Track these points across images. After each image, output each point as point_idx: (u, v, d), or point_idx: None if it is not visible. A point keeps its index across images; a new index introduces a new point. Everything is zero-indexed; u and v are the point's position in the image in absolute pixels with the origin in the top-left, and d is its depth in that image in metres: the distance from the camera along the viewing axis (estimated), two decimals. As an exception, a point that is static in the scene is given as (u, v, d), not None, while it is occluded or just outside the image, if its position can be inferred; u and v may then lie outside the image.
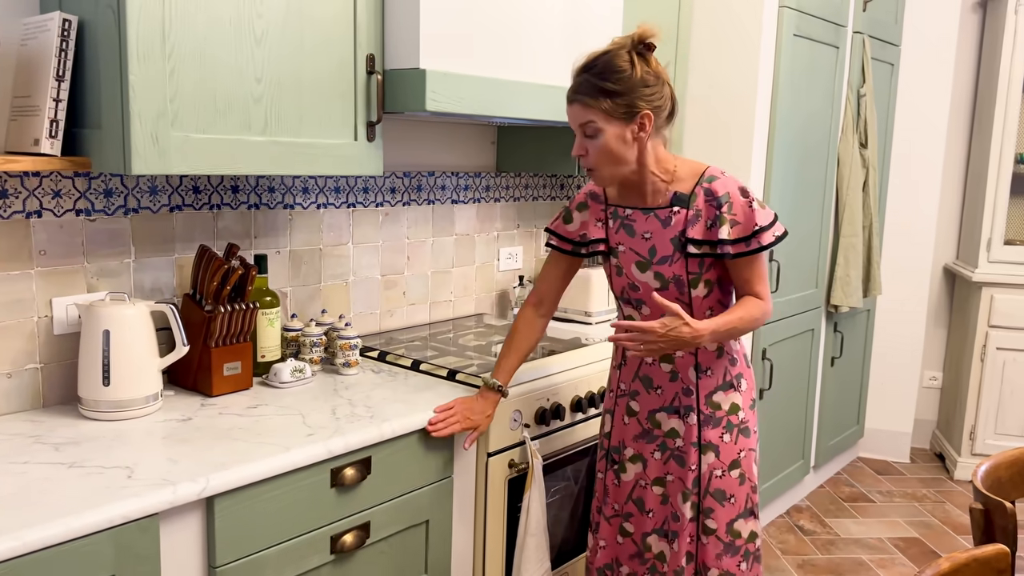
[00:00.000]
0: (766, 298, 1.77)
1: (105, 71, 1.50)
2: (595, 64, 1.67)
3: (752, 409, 1.87)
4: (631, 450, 1.91)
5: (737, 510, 1.84)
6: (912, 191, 3.95)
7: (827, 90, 3.26)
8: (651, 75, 1.66)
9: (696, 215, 1.73)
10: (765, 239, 1.72)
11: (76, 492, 1.31)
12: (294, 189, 2.16)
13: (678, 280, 1.77)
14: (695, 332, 1.66)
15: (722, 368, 1.83)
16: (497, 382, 1.89)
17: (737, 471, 1.83)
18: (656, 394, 1.87)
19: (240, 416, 1.71)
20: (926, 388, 4.30)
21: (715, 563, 1.84)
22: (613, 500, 1.95)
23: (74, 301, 1.75)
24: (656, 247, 1.78)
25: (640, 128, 1.67)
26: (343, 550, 1.64)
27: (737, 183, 1.75)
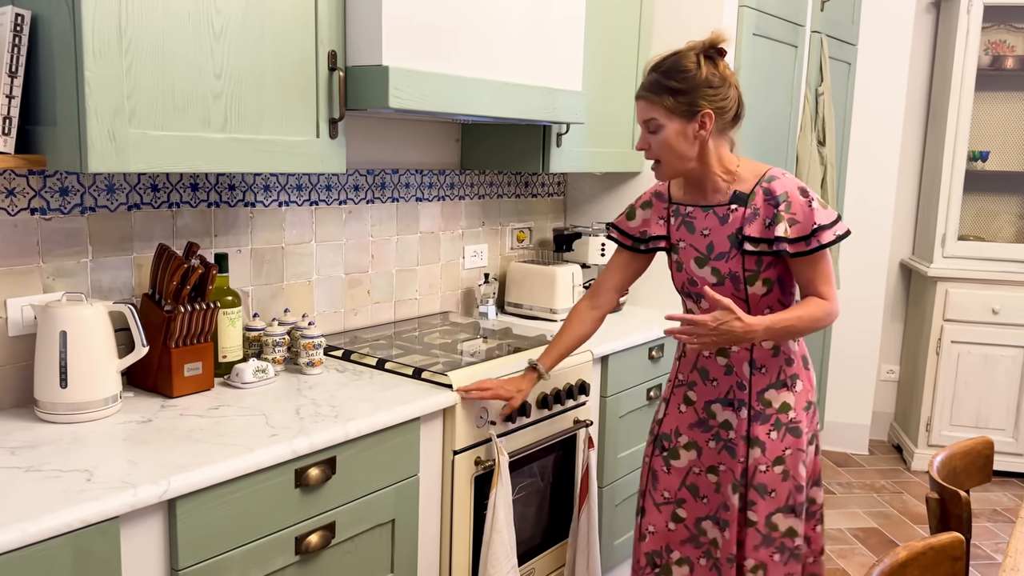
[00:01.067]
0: (831, 298, 1.78)
1: (60, 67, 1.47)
2: (664, 63, 1.75)
3: (807, 411, 1.89)
4: (686, 437, 1.97)
5: (777, 504, 1.87)
6: (869, 188, 4.03)
7: (786, 89, 3.31)
8: (716, 77, 1.72)
9: (754, 213, 1.78)
10: (825, 237, 1.73)
11: (33, 496, 1.29)
12: (255, 187, 2.14)
13: (734, 276, 1.82)
14: (747, 327, 1.69)
15: (777, 367, 1.86)
16: (537, 363, 2.01)
17: (781, 467, 1.87)
18: (712, 386, 1.92)
19: (201, 417, 1.69)
20: (884, 381, 4.39)
21: (752, 553, 1.89)
22: (663, 487, 2.00)
23: (29, 302, 1.71)
24: (714, 243, 1.83)
25: (701, 126, 1.73)
26: (308, 551, 1.62)
27: (797, 183, 1.78)
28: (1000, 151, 4.05)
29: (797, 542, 1.89)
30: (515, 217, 2.98)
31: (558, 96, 2.29)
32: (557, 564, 2.35)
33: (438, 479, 1.95)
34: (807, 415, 1.90)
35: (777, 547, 1.88)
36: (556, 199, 3.16)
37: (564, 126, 2.54)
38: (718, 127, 1.75)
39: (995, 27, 3.95)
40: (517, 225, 3.00)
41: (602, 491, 2.54)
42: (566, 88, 2.32)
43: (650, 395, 2.67)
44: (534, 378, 2.00)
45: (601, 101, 2.73)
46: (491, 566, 1.97)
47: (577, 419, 2.32)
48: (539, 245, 3.11)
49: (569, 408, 2.29)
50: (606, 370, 2.47)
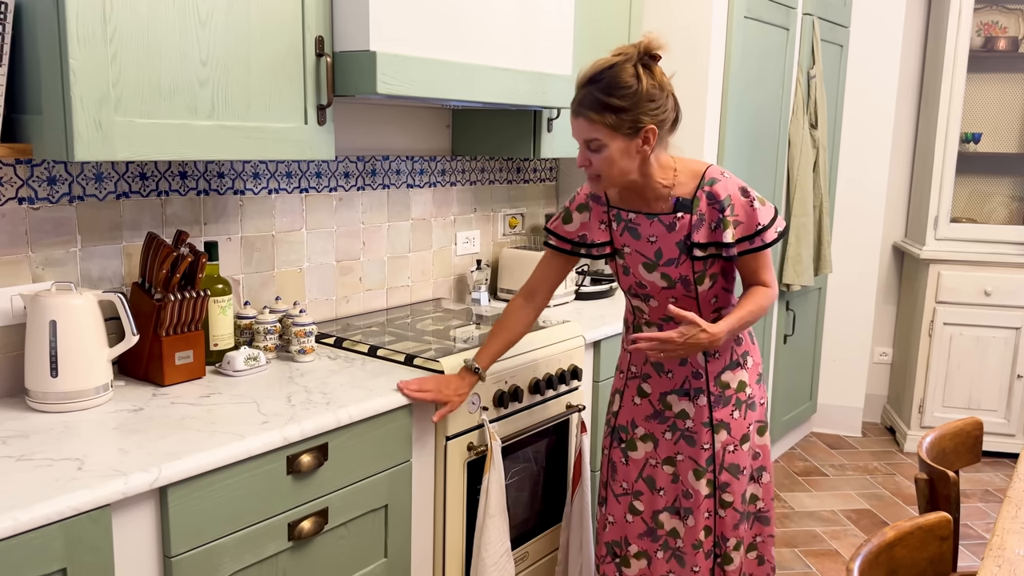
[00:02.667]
0: (772, 284, 1.85)
1: (44, 55, 1.46)
2: (601, 77, 1.66)
3: (759, 384, 1.96)
4: (642, 429, 1.98)
5: (747, 479, 1.95)
6: (861, 171, 4.03)
7: (778, 72, 3.30)
8: (656, 87, 1.67)
9: (700, 219, 1.78)
10: (768, 237, 1.78)
11: (25, 485, 1.29)
12: (244, 174, 2.13)
13: (684, 280, 1.83)
14: (712, 336, 1.73)
15: (728, 349, 1.90)
16: (476, 364, 1.92)
17: (747, 444, 1.93)
18: (667, 378, 1.94)
19: (193, 405, 1.69)
20: (877, 364, 4.41)
21: (733, 533, 1.94)
22: (622, 478, 2.02)
23: (19, 291, 1.71)
24: (662, 250, 1.83)
25: (644, 142, 1.70)
26: (301, 536, 1.63)
27: (738, 183, 1.80)
28: (992, 133, 4.06)
29: (759, 505, 1.99)
30: (507, 203, 2.98)
31: (548, 81, 2.28)
32: (551, 547, 2.36)
33: (431, 465, 1.95)
34: (760, 387, 1.97)
35: (743, 515, 1.96)
36: (548, 185, 3.16)
37: (555, 111, 2.53)
38: (658, 138, 1.71)
39: (987, 8, 3.94)
40: (509, 211, 2.99)
41: (596, 475, 2.55)
42: (556, 73, 2.31)
43: (643, 379, 2.68)
44: (473, 380, 1.91)
45: (592, 85, 2.72)
46: (485, 550, 1.98)
47: (570, 404, 2.33)
48: (532, 231, 3.10)
49: (562, 393, 2.30)
50: (598, 355, 2.48)
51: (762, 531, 2.01)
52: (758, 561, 2.02)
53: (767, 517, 2.00)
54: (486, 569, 1.98)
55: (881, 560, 1.29)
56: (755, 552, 2.01)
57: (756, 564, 2.01)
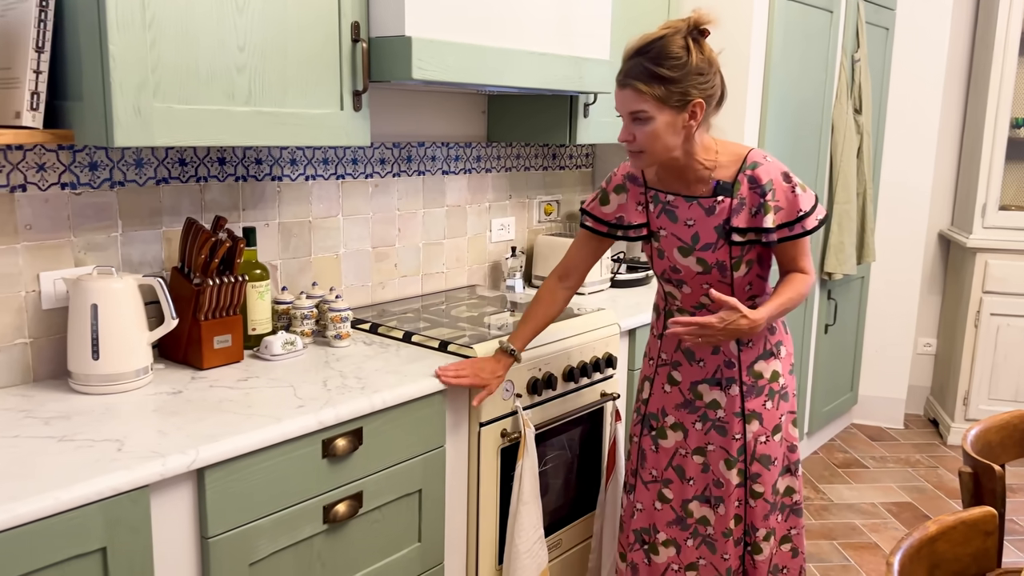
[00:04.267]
0: (811, 271, 1.82)
1: (85, 42, 1.48)
2: (650, 48, 1.64)
3: (791, 374, 1.94)
4: (672, 418, 1.96)
5: (778, 470, 1.92)
6: (907, 157, 3.93)
7: (821, 56, 3.23)
8: (705, 62, 1.64)
9: (740, 203, 1.75)
10: (809, 224, 1.76)
11: (66, 465, 1.32)
12: (282, 161, 2.14)
13: (721, 265, 1.80)
14: (752, 322, 1.70)
15: (762, 338, 1.88)
16: (511, 346, 1.91)
17: (779, 435, 1.91)
18: (699, 366, 1.91)
19: (231, 389, 1.71)
20: (920, 354, 4.31)
21: (763, 523, 1.93)
22: (651, 466, 2.00)
23: (61, 275, 1.74)
24: (699, 234, 1.80)
25: (691, 117, 1.67)
26: (336, 520, 1.65)
27: (780, 168, 1.76)
28: (1045, 118, 3.93)
29: (795, 498, 1.97)
30: (543, 190, 2.96)
31: (585, 65, 2.25)
32: (584, 535, 2.36)
33: (464, 451, 1.96)
34: (792, 377, 1.95)
35: (778, 508, 1.94)
36: (584, 171, 3.13)
37: (591, 96, 2.50)
38: (705, 115, 1.69)
39: (1041, -12, 3.81)
40: (545, 198, 2.98)
41: (630, 464, 2.53)
42: (593, 57, 2.29)
43: (679, 368, 2.65)
44: (509, 362, 1.91)
45: (629, 70, 2.69)
46: (518, 536, 1.98)
47: (604, 392, 2.31)
48: (567, 218, 3.08)
49: (596, 381, 2.29)
50: (633, 343, 2.45)
51: (796, 524, 1.99)
52: (792, 553, 1.99)
53: (801, 510, 1.99)
54: (519, 555, 1.98)
55: (923, 554, 1.26)
56: (789, 544, 1.99)
57: (790, 556, 1.99)
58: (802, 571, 2.02)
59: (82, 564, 1.28)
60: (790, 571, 1.99)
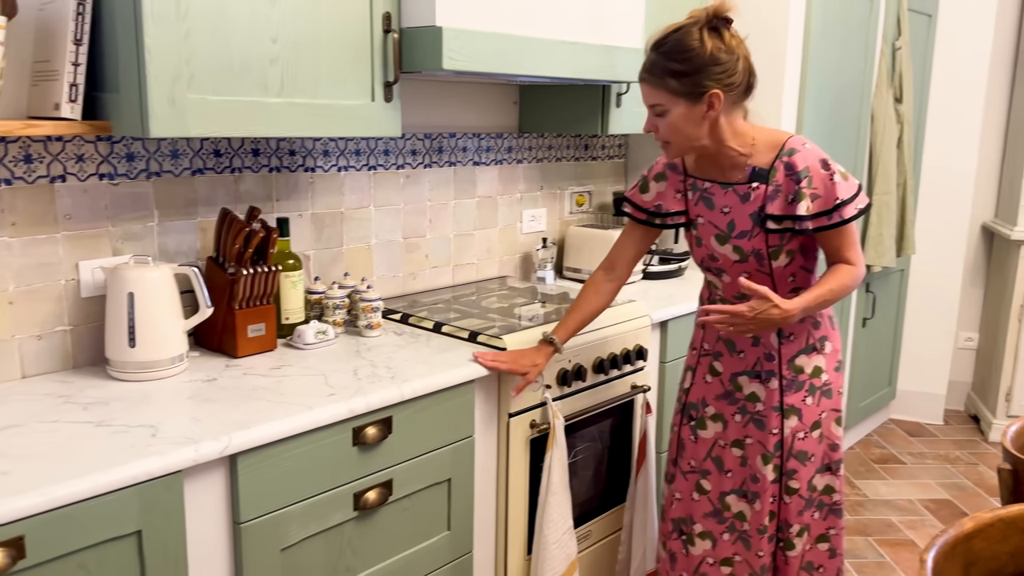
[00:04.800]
0: (857, 263, 1.76)
1: (121, 34, 1.50)
2: (665, 42, 1.66)
3: (837, 371, 1.89)
4: (712, 408, 1.95)
5: (815, 467, 1.89)
6: (949, 147, 3.84)
7: (860, 43, 3.16)
8: (723, 51, 1.63)
9: (776, 190, 1.72)
10: (847, 212, 1.70)
11: (103, 450, 1.34)
12: (315, 152, 2.16)
13: (758, 254, 1.78)
14: (784, 312, 1.67)
15: (805, 332, 1.84)
16: (553, 337, 1.93)
17: (818, 431, 1.87)
18: (739, 357, 1.89)
19: (264, 377, 1.73)
20: (961, 349, 4.22)
21: (797, 519, 1.90)
22: (690, 456, 2.00)
23: (100, 264, 1.78)
24: (735, 221, 1.78)
25: (709, 107, 1.66)
26: (366, 507, 1.66)
27: (819, 155, 1.72)
28: (1094, 106, 3.81)
29: (835, 497, 1.92)
30: (574, 181, 2.95)
31: (617, 54, 2.23)
32: (614, 527, 2.35)
33: (493, 441, 1.96)
34: (838, 375, 1.89)
35: (816, 505, 1.91)
36: (617, 162, 3.11)
37: (624, 85, 2.48)
38: (729, 102, 1.67)
39: (1092, -28, 3.69)
40: (576, 189, 2.96)
41: (661, 456, 2.52)
42: (626, 46, 2.27)
43: (712, 360, 2.63)
44: (549, 352, 1.92)
45: (663, 60, 2.66)
46: (547, 527, 1.98)
47: (635, 384, 2.30)
48: (599, 209, 3.07)
49: (626, 373, 2.27)
50: (665, 335, 2.44)
51: (835, 524, 1.95)
52: (830, 554, 1.95)
53: (841, 510, 1.94)
54: (548, 546, 1.98)
55: (958, 552, 1.24)
56: (827, 544, 1.95)
57: (828, 556, 1.95)
58: (839, 572, 1.97)
59: (118, 547, 1.31)
60: (826, 571, 1.95)
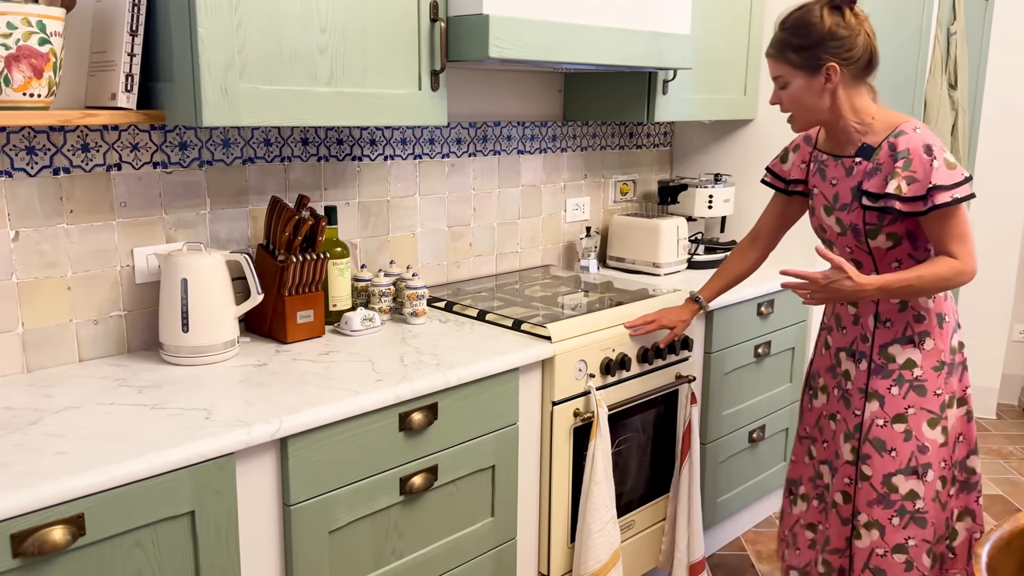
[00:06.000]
0: (962, 257, 1.72)
1: (175, 25, 1.53)
2: (788, 20, 1.78)
3: (938, 371, 1.83)
4: (823, 380, 2.04)
5: (897, 465, 1.84)
6: (1005, 135, 3.73)
7: (914, 27, 3.09)
8: (842, 27, 1.72)
9: (876, 168, 1.77)
10: (939, 198, 1.68)
11: (158, 432, 1.38)
12: (362, 141, 2.18)
13: (854, 228, 1.83)
14: (857, 286, 1.72)
15: (903, 322, 1.84)
16: (699, 295, 2.14)
17: (902, 426, 1.83)
18: (842, 334, 1.97)
19: (312, 362, 1.76)
20: (1016, 342, 4.11)
21: (866, 509, 1.87)
22: (805, 422, 2.10)
23: (154, 251, 1.82)
24: (839, 193, 1.86)
25: (827, 79, 1.74)
26: (412, 491, 1.68)
27: (925, 140, 1.72)
28: None
29: (919, 505, 1.83)
30: (619, 169, 2.93)
31: (664, 40, 2.21)
32: (658, 518, 2.34)
33: (537, 429, 1.97)
34: (937, 375, 1.83)
35: (897, 510, 1.84)
36: (662, 150, 3.09)
37: (670, 72, 2.46)
38: (849, 76, 1.74)
39: None
40: (621, 177, 2.95)
41: (706, 448, 2.50)
42: (672, 32, 2.24)
43: (758, 352, 2.60)
44: (695, 309, 2.13)
45: (711, 45, 2.63)
46: (590, 515, 1.98)
47: (679, 374, 2.29)
48: (643, 198, 3.05)
49: (671, 363, 2.26)
50: (711, 325, 2.42)
51: (916, 534, 1.84)
52: (906, 566, 1.84)
53: (924, 520, 1.83)
54: (591, 534, 1.98)
55: (1014, 547, 1.21)
56: (904, 556, 1.84)
57: (903, 569, 1.84)
58: None
59: (173, 526, 1.35)
60: None
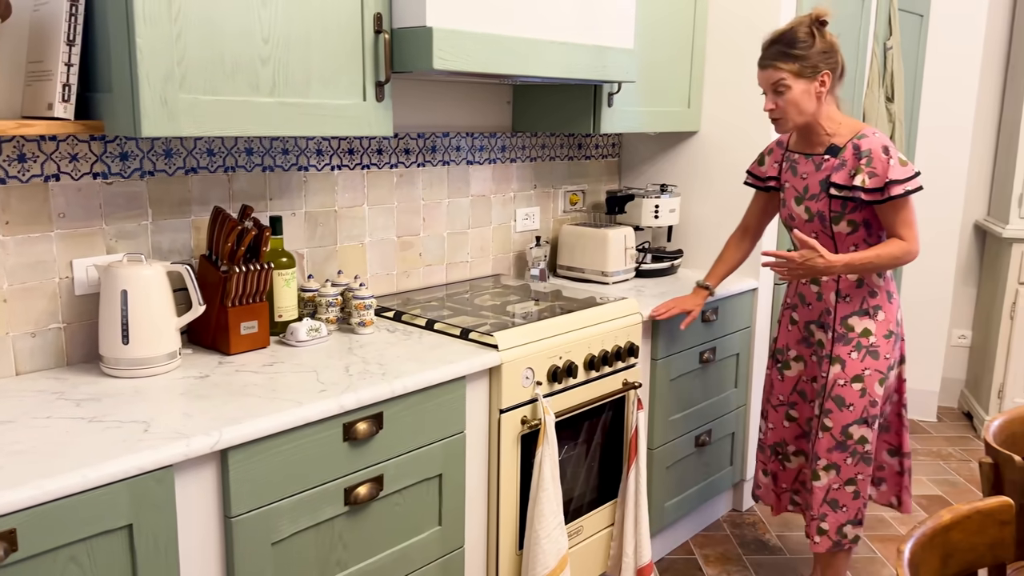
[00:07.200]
0: (909, 240, 2.12)
1: (114, 35, 1.52)
2: (783, 37, 2.10)
3: (887, 339, 2.22)
4: (794, 352, 2.38)
5: (853, 417, 2.22)
6: (942, 146, 3.86)
7: (852, 42, 3.18)
8: (827, 44, 2.09)
9: (842, 164, 2.14)
10: (894, 190, 2.06)
11: (95, 445, 1.36)
12: (308, 151, 2.18)
13: (821, 215, 2.19)
14: (828, 263, 2.10)
15: (860, 297, 2.21)
16: (707, 283, 2.45)
17: (859, 385, 2.21)
18: (808, 309, 2.32)
19: (256, 373, 1.75)
20: (955, 347, 4.24)
21: (826, 455, 2.26)
22: (779, 392, 2.44)
23: (93, 262, 1.80)
24: (809, 186, 2.21)
25: (821, 84, 2.10)
26: (357, 502, 1.68)
27: (882, 143, 2.11)
28: (1086, 105, 3.82)
29: (867, 448, 2.24)
30: (568, 180, 2.97)
31: (608, 54, 2.26)
32: (606, 523, 2.37)
33: (484, 437, 1.98)
34: (888, 342, 2.22)
35: (850, 452, 2.24)
36: (611, 161, 3.13)
37: (615, 85, 2.50)
38: (830, 84, 2.10)
39: (1084, -28, 3.71)
40: (570, 188, 2.98)
41: (653, 453, 2.54)
42: (616, 46, 2.29)
43: (703, 358, 2.65)
44: (705, 295, 2.45)
45: (655, 59, 2.68)
46: (538, 522, 2.00)
47: (626, 381, 2.32)
48: (593, 208, 3.09)
49: (618, 370, 2.30)
50: (657, 333, 2.46)
51: (864, 470, 2.25)
52: (854, 495, 2.27)
53: (870, 458, 2.25)
54: (539, 540, 2.00)
55: (936, 543, 1.26)
56: (853, 487, 2.26)
57: (851, 497, 2.27)
58: (859, 512, 2.28)
59: (110, 540, 1.33)
60: (849, 510, 2.27)
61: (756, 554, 2.82)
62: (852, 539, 2.30)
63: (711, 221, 2.97)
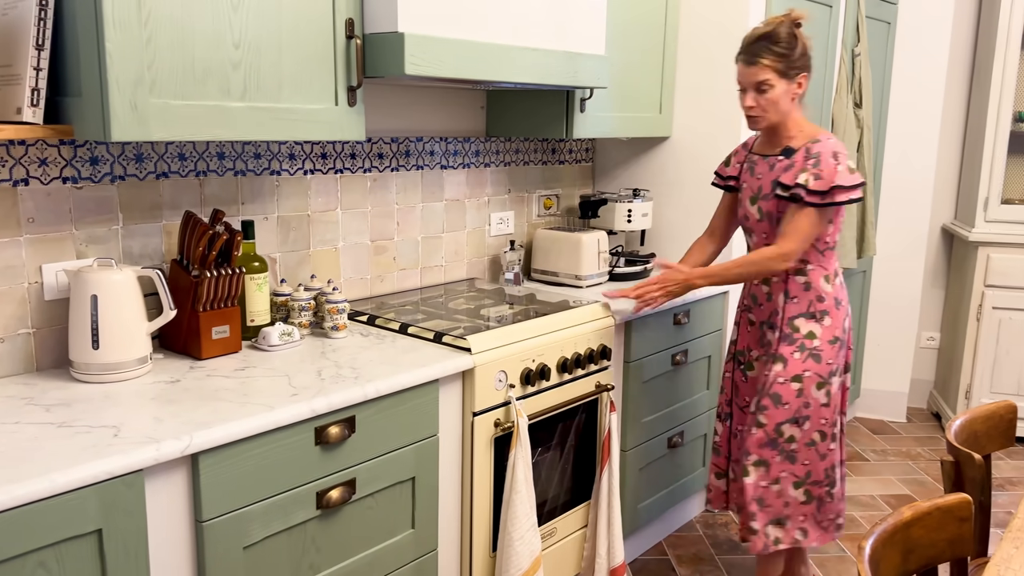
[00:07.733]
0: (784, 248, 2.12)
1: (83, 39, 1.52)
2: (768, 35, 2.08)
3: (832, 344, 2.20)
4: (756, 352, 2.34)
5: (787, 415, 2.20)
6: (909, 151, 3.93)
7: (820, 49, 3.24)
8: (803, 47, 2.10)
9: (791, 165, 2.14)
10: (839, 196, 2.08)
11: (64, 450, 1.36)
12: (280, 155, 2.18)
13: (769, 215, 2.20)
14: (686, 277, 2.21)
15: (807, 300, 2.21)
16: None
17: (798, 385, 2.19)
18: (760, 309, 2.31)
19: (227, 378, 1.75)
20: (923, 348, 4.32)
21: (757, 451, 2.23)
22: (744, 394, 2.38)
23: (63, 267, 1.79)
24: (762, 186, 2.22)
25: (798, 86, 2.12)
26: (329, 505, 1.68)
27: (834, 148, 2.12)
28: (1049, 111, 3.91)
29: (793, 446, 2.23)
30: (542, 184, 2.99)
31: (579, 60, 2.28)
32: (579, 524, 2.39)
33: (458, 439, 1.99)
34: (832, 347, 2.20)
35: (779, 450, 2.21)
36: (584, 166, 3.16)
37: (587, 91, 2.53)
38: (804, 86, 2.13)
39: (1045, -19, 3.79)
40: (544, 192, 3.01)
41: (626, 455, 2.56)
42: (588, 52, 2.31)
43: (675, 360, 2.68)
44: None
45: (627, 66, 2.71)
46: (511, 524, 2.01)
47: (599, 383, 2.34)
48: (566, 212, 3.11)
49: (591, 372, 2.32)
50: (630, 336, 2.48)
51: (788, 468, 2.23)
52: (778, 493, 2.25)
53: (794, 457, 2.22)
54: (512, 543, 2.01)
55: (897, 539, 1.29)
56: (778, 486, 2.24)
57: (775, 496, 2.25)
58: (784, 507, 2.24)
59: (79, 545, 1.33)
60: (773, 508, 2.25)
61: (728, 554, 2.85)
62: (774, 540, 2.24)
63: (683, 225, 3.00)
